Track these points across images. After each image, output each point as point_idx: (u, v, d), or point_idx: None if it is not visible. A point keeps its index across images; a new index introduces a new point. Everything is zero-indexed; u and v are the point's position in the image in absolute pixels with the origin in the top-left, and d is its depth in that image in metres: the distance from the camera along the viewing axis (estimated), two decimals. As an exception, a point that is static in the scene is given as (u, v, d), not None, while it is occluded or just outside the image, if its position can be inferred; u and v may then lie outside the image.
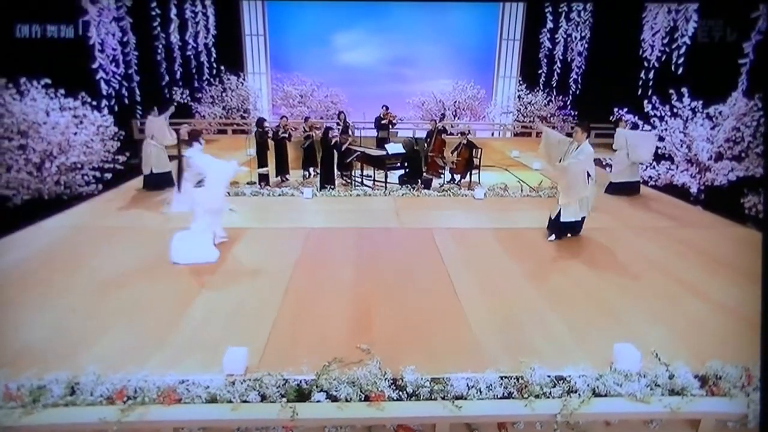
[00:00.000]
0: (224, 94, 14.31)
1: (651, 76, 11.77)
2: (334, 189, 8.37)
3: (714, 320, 4.06)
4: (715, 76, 9.50)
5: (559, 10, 13.90)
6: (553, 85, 14.74)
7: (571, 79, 14.44)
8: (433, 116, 12.96)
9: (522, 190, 8.43)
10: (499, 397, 3.03)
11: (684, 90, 9.49)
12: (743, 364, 3.19)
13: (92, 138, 8.83)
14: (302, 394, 3.01)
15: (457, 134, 11.15)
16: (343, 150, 8.68)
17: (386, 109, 11.13)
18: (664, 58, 11.46)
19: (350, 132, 10.01)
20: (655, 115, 9.86)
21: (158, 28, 12.30)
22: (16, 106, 7.93)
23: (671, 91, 9.55)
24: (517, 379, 3.12)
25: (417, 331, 3.82)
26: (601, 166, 9.80)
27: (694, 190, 9.50)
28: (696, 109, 9.44)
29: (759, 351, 2.82)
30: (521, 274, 5.00)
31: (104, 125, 9.10)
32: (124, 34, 11.40)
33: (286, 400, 2.95)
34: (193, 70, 13.51)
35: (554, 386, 3.07)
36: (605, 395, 3.06)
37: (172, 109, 8.45)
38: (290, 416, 2.86)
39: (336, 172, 8.89)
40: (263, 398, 2.99)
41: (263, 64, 15.13)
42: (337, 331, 3.80)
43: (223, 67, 14.09)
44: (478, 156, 9.08)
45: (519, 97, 15.30)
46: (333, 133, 8.89)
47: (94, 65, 10.75)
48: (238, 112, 14.59)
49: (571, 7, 13.77)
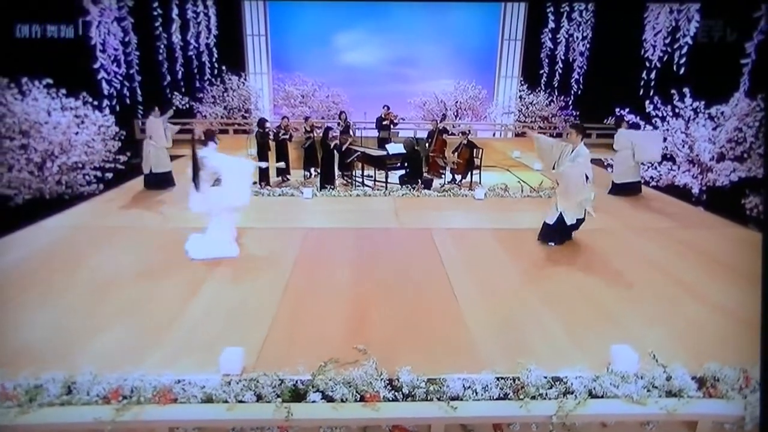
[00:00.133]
0: (226, 94, 14.33)
1: (653, 76, 11.75)
2: (334, 189, 8.37)
3: (713, 322, 4.03)
4: (717, 76, 9.45)
5: (561, 10, 13.87)
6: (555, 86, 14.71)
7: (573, 80, 14.41)
8: (435, 116, 12.95)
9: (522, 191, 8.40)
10: (495, 398, 3.02)
11: (686, 90, 9.44)
12: (741, 366, 3.17)
13: (93, 138, 8.86)
14: (298, 395, 3.00)
15: (459, 134, 11.15)
16: (344, 150, 8.68)
17: (387, 109, 11.07)
18: (665, 58, 11.44)
19: (351, 132, 10.00)
20: (657, 116, 9.82)
21: (160, 28, 12.35)
22: (17, 106, 7.96)
23: (673, 92, 9.50)
24: (514, 380, 3.10)
25: (414, 332, 3.81)
26: (603, 167, 9.78)
27: (695, 190, 9.45)
28: (698, 110, 9.38)
29: (759, 353, 2.80)
30: (520, 274, 4.99)
31: (105, 125, 9.12)
32: (125, 34, 11.44)
33: (281, 400, 2.95)
34: (195, 70, 13.53)
35: (551, 387, 3.05)
36: (602, 397, 3.04)
37: (170, 113, 8.53)
38: (285, 416, 2.86)
39: (337, 173, 8.90)
40: (259, 398, 2.98)
41: (265, 64, 15.15)
42: (334, 331, 3.79)
43: (224, 67, 14.11)
44: (479, 156, 9.07)
45: (520, 97, 15.27)
46: (333, 133, 8.90)
47: (96, 65, 10.79)
48: (240, 112, 14.61)
49: (573, 7, 13.73)
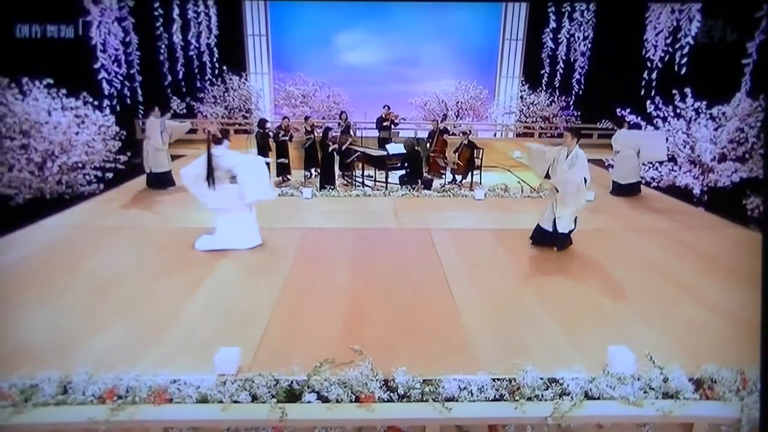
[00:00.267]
0: (226, 94, 14.34)
1: (654, 76, 11.70)
2: (334, 189, 8.37)
3: (711, 323, 4.01)
4: (719, 77, 9.41)
5: (562, 10, 13.82)
6: (556, 86, 14.67)
7: (574, 80, 14.38)
8: (436, 116, 12.93)
9: (522, 191, 8.39)
10: (490, 399, 3.00)
11: (687, 90, 9.39)
12: (739, 368, 3.15)
13: (94, 138, 8.85)
14: (293, 395, 3.00)
15: (459, 134, 11.14)
16: (344, 150, 8.68)
17: (388, 108, 11.06)
18: (667, 58, 11.39)
19: (351, 132, 9.99)
20: (658, 116, 9.78)
21: (161, 28, 12.36)
22: (18, 106, 7.95)
23: (674, 92, 9.46)
24: (510, 382, 3.09)
25: (411, 332, 3.80)
26: (603, 167, 9.74)
27: (696, 191, 9.40)
28: (699, 110, 9.33)
29: (759, 354, 2.78)
30: (518, 275, 4.98)
31: (106, 125, 9.11)
32: (126, 34, 11.44)
33: (276, 400, 2.94)
34: (196, 70, 13.53)
35: (547, 389, 3.04)
36: (598, 398, 3.02)
37: (168, 116, 8.60)
38: (279, 417, 2.85)
39: (337, 173, 8.89)
40: (254, 399, 2.97)
41: (266, 64, 15.16)
42: (331, 332, 3.78)
43: (225, 67, 14.11)
44: (479, 156, 9.05)
45: (521, 97, 15.24)
46: (332, 133, 8.89)
47: (96, 65, 10.80)
48: (240, 112, 14.62)
49: (574, 6, 13.69)
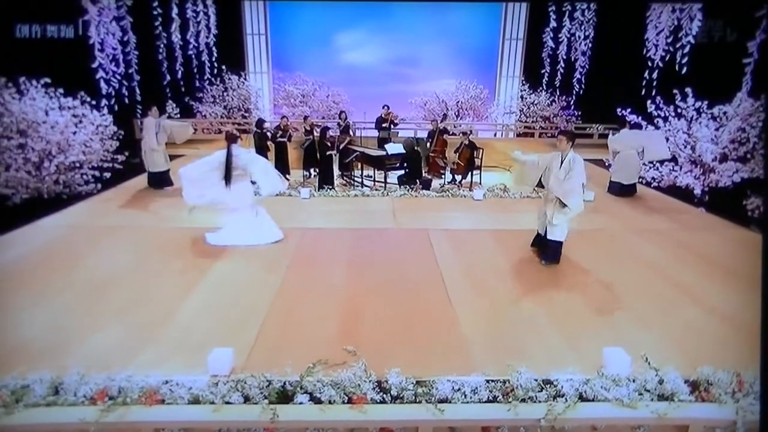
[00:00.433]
0: (225, 94, 14.34)
1: (655, 76, 11.66)
2: (332, 189, 8.34)
3: (709, 324, 3.98)
4: (720, 76, 9.37)
5: (563, 10, 13.79)
6: (557, 85, 14.65)
7: (575, 79, 14.34)
8: (436, 116, 12.90)
9: (522, 191, 8.34)
10: (484, 400, 2.98)
11: (688, 90, 9.35)
12: (735, 370, 3.12)
13: (91, 137, 8.83)
14: (286, 396, 2.98)
15: (459, 134, 11.10)
16: (342, 150, 8.65)
17: (387, 108, 11.03)
18: (668, 58, 11.34)
19: (350, 132, 9.96)
20: (659, 116, 9.73)
21: (159, 28, 12.34)
22: (15, 106, 7.93)
23: (675, 92, 9.42)
24: (504, 383, 3.06)
25: (407, 333, 3.78)
26: (604, 167, 9.70)
27: (697, 191, 9.36)
28: (700, 110, 9.29)
29: (759, 356, 2.74)
30: (515, 275, 4.94)
31: (103, 125, 9.10)
32: (124, 34, 11.43)
33: (268, 401, 2.92)
34: (195, 70, 13.53)
35: (541, 390, 3.01)
36: (592, 400, 2.99)
37: (164, 117, 8.64)
38: (270, 418, 2.83)
39: (336, 173, 8.86)
40: (246, 399, 2.95)
41: (265, 63, 15.16)
42: (326, 332, 3.76)
43: (224, 67, 14.11)
44: (479, 156, 9.02)
45: (522, 97, 15.21)
46: (330, 133, 8.86)
47: (94, 65, 10.79)
48: (240, 112, 14.61)
49: (575, 6, 13.66)
